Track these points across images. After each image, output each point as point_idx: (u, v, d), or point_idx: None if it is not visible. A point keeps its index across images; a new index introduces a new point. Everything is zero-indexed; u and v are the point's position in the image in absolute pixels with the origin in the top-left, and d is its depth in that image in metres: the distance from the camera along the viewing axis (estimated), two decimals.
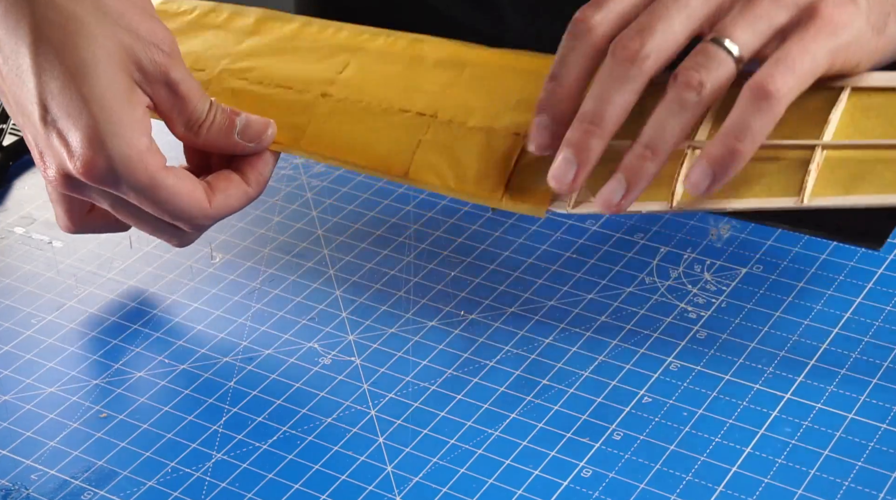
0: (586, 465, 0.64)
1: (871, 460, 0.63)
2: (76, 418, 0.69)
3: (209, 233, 0.80)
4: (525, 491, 0.63)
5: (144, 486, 0.65)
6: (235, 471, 0.66)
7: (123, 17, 0.68)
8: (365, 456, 0.66)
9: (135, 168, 0.67)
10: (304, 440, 0.67)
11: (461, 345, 0.71)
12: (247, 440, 0.67)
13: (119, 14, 0.68)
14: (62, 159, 0.67)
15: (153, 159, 0.68)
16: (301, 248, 0.79)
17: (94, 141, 0.66)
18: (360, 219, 0.81)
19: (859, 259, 0.75)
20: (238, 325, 0.74)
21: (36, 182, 0.87)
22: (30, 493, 0.65)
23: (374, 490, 0.64)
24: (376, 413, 0.68)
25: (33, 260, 0.80)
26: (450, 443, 0.66)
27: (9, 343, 0.74)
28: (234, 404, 0.69)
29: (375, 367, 0.71)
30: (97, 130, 0.66)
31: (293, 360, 0.72)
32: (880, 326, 0.70)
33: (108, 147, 0.66)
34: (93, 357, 0.73)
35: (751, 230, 0.77)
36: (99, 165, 0.66)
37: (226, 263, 0.79)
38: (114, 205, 0.70)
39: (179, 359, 0.72)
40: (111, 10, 0.68)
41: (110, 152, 0.66)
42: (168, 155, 0.70)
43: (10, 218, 0.84)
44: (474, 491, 0.64)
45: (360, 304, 0.75)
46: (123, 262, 0.79)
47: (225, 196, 0.71)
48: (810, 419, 0.66)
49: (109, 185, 0.67)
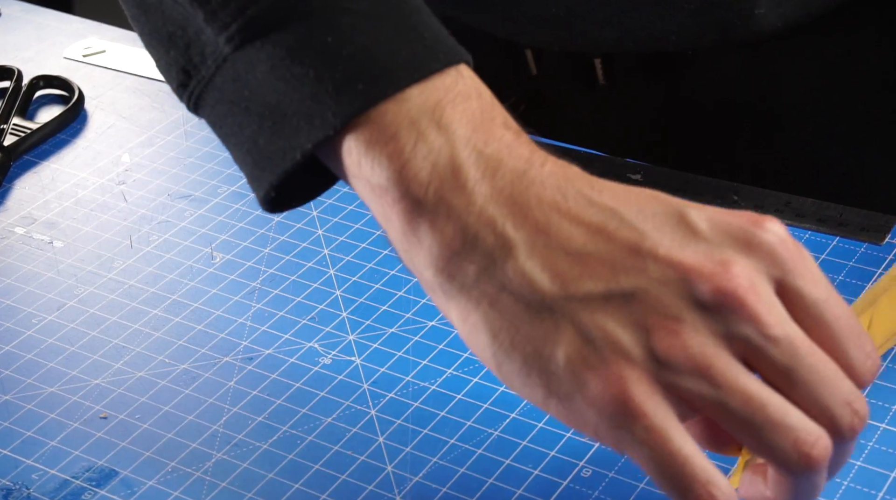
0: (586, 465, 0.64)
1: (870, 459, 0.63)
2: (76, 418, 0.69)
3: (209, 233, 0.80)
4: (525, 491, 0.63)
5: (144, 486, 0.65)
6: (235, 471, 0.66)
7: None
8: (365, 456, 0.66)
9: None
10: (304, 440, 0.67)
11: (461, 345, 0.71)
12: (247, 440, 0.67)
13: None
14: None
15: None
16: (301, 248, 0.79)
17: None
18: (360, 219, 0.81)
19: (860, 258, 0.75)
20: (238, 325, 0.74)
21: (36, 182, 0.87)
22: (31, 493, 0.65)
23: (374, 490, 0.64)
24: (376, 413, 0.68)
25: (34, 260, 0.80)
26: (450, 443, 0.66)
27: (9, 343, 0.74)
28: (234, 404, 0.69)
29: (375, 367, 0.71)
30: None
31: (293, 360, 0.72)
32: None
33: None
34: (93, 357, 0.73)
35: None
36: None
37: (226, 263, 0.79)
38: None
39: (179, 359, 0.72)
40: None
41: None
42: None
43: (10, 218, 0.84)
44: (474, 491, 0.64)
45: (360, 304, 0.75)
46: (123, 262, 0.80)
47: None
48: None
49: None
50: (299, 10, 0.57)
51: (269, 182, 0.59)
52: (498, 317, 0.54)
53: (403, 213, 0.56)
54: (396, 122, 0.56)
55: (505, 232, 0.54)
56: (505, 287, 0.54)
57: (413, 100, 0.56)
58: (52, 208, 0.84)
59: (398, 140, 0.56)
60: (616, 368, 0.52)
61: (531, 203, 0.55)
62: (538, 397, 0.55)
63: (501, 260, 0.54)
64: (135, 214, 0.83)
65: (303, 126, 0.57)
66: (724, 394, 0.53)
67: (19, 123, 0.90)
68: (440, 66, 0.57)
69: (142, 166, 0.87)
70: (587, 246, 0.54)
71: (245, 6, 0.58)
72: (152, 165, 0.87)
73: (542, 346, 0.54)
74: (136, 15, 0.63)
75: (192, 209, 0.81)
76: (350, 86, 0.56)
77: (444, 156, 0.56)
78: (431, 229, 0.55)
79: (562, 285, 0.54)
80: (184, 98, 0.62)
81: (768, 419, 0.53)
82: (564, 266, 0.54)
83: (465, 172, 0.55)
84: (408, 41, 0.57)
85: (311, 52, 0.57)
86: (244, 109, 0.59)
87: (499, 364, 0.55)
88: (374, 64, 0.56)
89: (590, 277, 0.53)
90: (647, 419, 0.52)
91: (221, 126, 0.61)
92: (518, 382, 0.55)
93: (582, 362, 0.53)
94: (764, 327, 0.53)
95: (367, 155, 0.56)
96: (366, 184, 0.57)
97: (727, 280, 0.53)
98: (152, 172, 0.87)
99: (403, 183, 0.56)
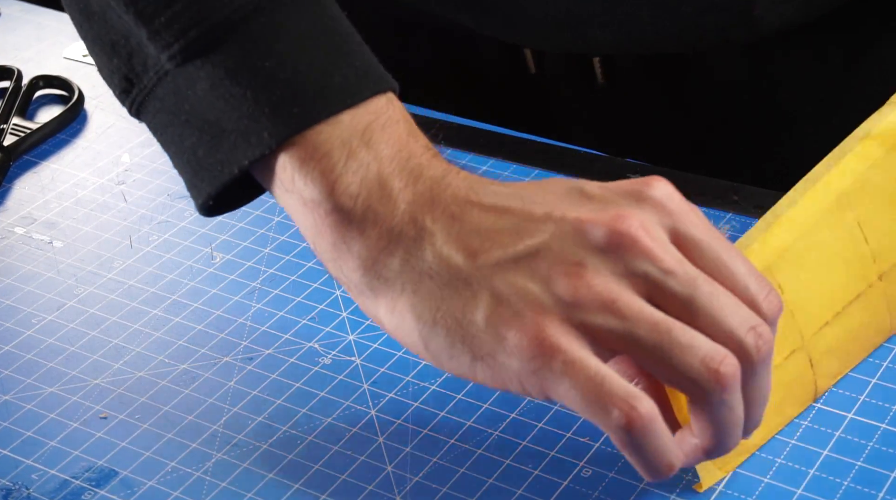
0: (586, 465, 0.64)
1: (870, 460, 0.63)
2: (76, 418, 0.69)
3: (209, 233, 0.80)
4: (525, 491, 0.63)
5: (144, 486, 0.65)
6: (235, 471, 0.66)
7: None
8: (365, 456, 0.66)
9: None
10: (304, 440, 0.67)
11: None
12: (247, 440, 0.67)
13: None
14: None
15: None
16: (301, 248, 0.79)
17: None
18: None
19: None
20: (238, 325, 0.74)
21: (36, 182, 0.87)
22: (30, 493, 0.65)
23: (374, 490, 0.64)
24: (376, 413, 0.68)
25: (33, 260, 0.80)
26: (450, 443, 0.66)
27: (9, 343, 0.74)
28: (234, 405, 0.69)
29: (375, 367, 0.71)
30: None
31: (293, 360, 0.72)
32: None
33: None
34: (93, 357, 0.73)
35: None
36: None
37: (226, 263, 0.79)
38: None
39: (179, 359, 0.72)
40: None
41: None
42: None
43: (10, 218, 0.84)
44: (474, 491, 0.64)
45: None
46: (123, 262, 0.79)
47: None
48: (810, 419, 0.66)
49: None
50: (238, 35, 0.62)
51: (207, 192, 0.64)
52: (420, 300, 0.59)
53: (335, 224, 0.61)
54: (330, 142, 0.61)
55: (424, 225, 0.59)
56: (425, 272, 0.59)
57: (345, 123, 0.61)
58: (52, 208, 0.84)
59: (331, 157, 0.61)
60: (530, 317, 0.56)
61: (447, 200, 0.60)
62: (465, 363, 0.58)
63: (421, 249, 0.59)
64: (135, 214, 0.83)
65: (240, 143, 0.62)
66: (631, 324, 0.56)
67: (19, 123, 0.90)
68: (370, 93, 0.62)
69: (142, 166, 0.87)
70: (496, 224, 0.59)
71: (187, 28, 0.62)
72: (152, 165, 0.87)
73: (462, 315, 0.58)
74: (80, 21, 0.67)
75: (192, 209, 0.81)
76: (285, 108, 0.61)
77: (371, 171, 0.61)
78: (360, 236, 0.60)
79: (473, 258, 0.58)
80: (125, 104, 0.66)
81: (675, 341, 0.56)
82: (476, 243, 0.58)
83: (390, 183, 0.60)
84: (340, 68, 0.62)
85: (248, 74, 0.62)
86: (184, 122, 0.64)
87: (426, 343, 0.59)
88: (309, 89, 0.61)
89: (498, 246, 0.58)
90: (563, 354, 0.56)
91: (162, 134, 0.66)
92: (445, 355, 0.58)
93: (499, 319, 0.57)
94: (660, 262, 0.57)
95: (300, 171, 0.61)
96: (298, 198, 0.62)
97: (620, 223, 0.57)
98: (152, 172, 0.87)
99: (335, 196, 0.61)
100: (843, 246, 0.65)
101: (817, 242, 0.64)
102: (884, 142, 0.66)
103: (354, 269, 0.61)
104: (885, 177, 0.66)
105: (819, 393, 0.66)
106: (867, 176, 0.65)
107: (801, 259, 0.64)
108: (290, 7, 0.62)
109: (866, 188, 0.66)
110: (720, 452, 0.59)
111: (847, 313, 0.66)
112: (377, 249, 0.60)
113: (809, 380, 0.65)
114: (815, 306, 0.65)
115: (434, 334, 0.58)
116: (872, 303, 0.66)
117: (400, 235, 0.60)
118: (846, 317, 0.66)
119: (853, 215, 0.65)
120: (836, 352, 0.66)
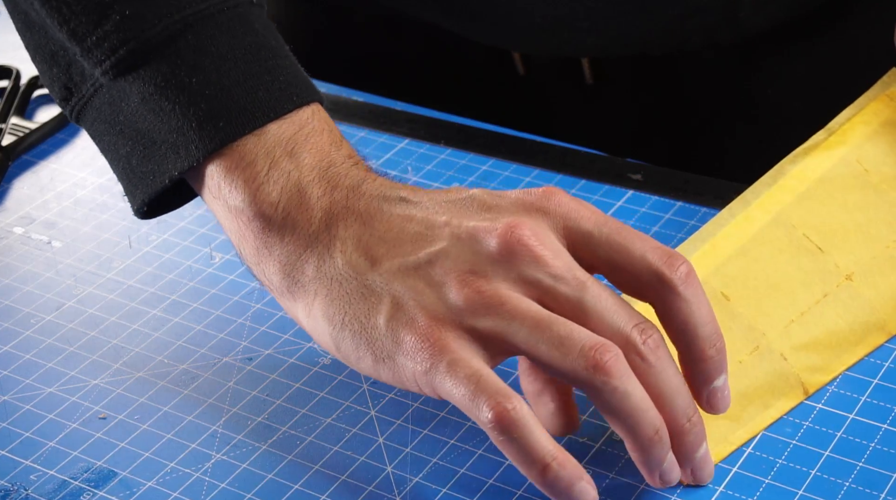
0: (586, 465, 0.64)
1: (871, 460, 0.63)
2: (76, 418, 0.69)
3: (208, 233, 0.80)
4: (525, 491, 0.63)
5: (144, 486, 0.65)
6: (235, 471, 0.66)
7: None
8: (365, 456, 0.66)
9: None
10: (304, 440, 0.67)
11: None
12: (247, 440, 0.67)
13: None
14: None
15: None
16: None
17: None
18: None
19: None
20: (238, 325, 0.74)
21: (35, 182, 0.87)
22: (29, 493, 0.65)
23: (374, 490, 0.64)
24: (376, 413, 0.68)
25: (32, 260, 0.80)
26: (450, 443, 0.66)
27: (8, 343, 0.74)
28: (233, 405, 0.69)
29: None
30: None
31: (293, 360, 0.72)
32: None
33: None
34: (92, 357, 0.73)
35: None
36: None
37: (226, 263, 0.79)
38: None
39: (179, 359, 0.72)
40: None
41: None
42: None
43: (9, 218, 0.84)
44: (474, 491, 0.64)
45: None
46: (123, 262, 0.79)
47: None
48: (811, 420, 0.66)
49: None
50: (167, 52, 0.65)
51: (141, 199, 0.68)
52: (331, 304, 0.62)
53: (257, 230, 0.65)
54: (254, 152, 0.65)
55: (337, 232, 0.63)
56: (335, 278, 0.63)
57: (270, 133, 0.65)
58: (51, 208, 0.84)
59: (254, 167, 0.65)
60: (424, 321, 0.60)
61: (360, 209, 0.64)
62: (369, 364, 0.62)
63: (333, 256, 0.63)
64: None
65: (170, 155, 0.66)
66: (517, 323, 0.59)
67: (18, 123, 0.90)
68: (293, 106, 0.66)
69: None
70: (401, 232, 0.63)
71: (117, 47, 0.66)
72: None
73: (366, 319, 0.61)
74: (22, 30, 0.70)
75: (192, 209, 0.81)
76: (212, 123, 0.65)
77: (292, 179, 0.64)
78: (280, 242, 0.64)
79: (378, 264, 0.62)
80: (66, 111, 0.70)
81: (555, 335, 0.59)
82: (381, 250, 0.62)
83: (309, 191, 0.64)
84: (265, 82, 0.66)
85: (176, 90, 0.65)
86: (119, 132, 0.67)
87: (337, 345, 0.63)
88: (234, 103, 0.65)
89: (400, 254, 0.62)
90: (450, 354, 0.59)
91: (100, 141, 0.69)
92: (353, 356, 0.62)
93: (397, 323, 0.60)
94: (550, 268, 0.61)
95: (226, 180, 0.65)
96: (224, 205, 0.65)
97: (512, 232, 0.61)
98: None
99: (257, 203, 0.64)
100: (792, 256, 0.70)
101: (759, 256, 0.70)
102: (801, 183, 0.73)
103: (275, 272, 0.64)
104: (828, 194, 0.72)
105: (810, 387, 0.67)
106: (810, 193, 0.72)
107: (744, 271, 0.69)
108: (217, 25, 0.66)
109: (807, 205, 0.72)
110: (650, 447, 0.60)
111: (816, 312, 0.69)
112: (295, 254, 0.64)
113: (790, 373, 0.67)
114: (773, 308, 0.68)
115: (342, 336, 0.62)
116: (844, 301, 0.69)
117: (315, 241, 0.63)
118: (816, 316, 0.69)
119: (800, 231, 0.71)
120: (814, 347, 0.68)
